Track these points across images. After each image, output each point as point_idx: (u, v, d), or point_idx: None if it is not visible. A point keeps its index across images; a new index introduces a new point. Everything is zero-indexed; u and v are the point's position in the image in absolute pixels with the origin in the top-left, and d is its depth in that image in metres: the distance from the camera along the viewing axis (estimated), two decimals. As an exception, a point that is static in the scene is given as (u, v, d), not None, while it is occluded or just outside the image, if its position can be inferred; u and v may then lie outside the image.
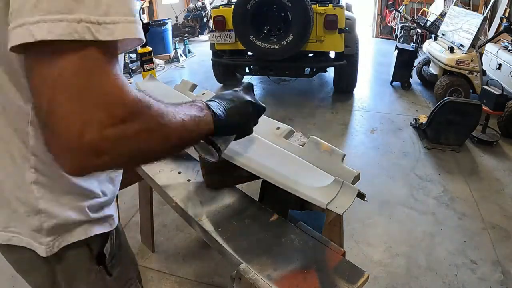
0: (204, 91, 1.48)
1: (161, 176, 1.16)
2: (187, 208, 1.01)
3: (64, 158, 0.43)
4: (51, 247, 0.63)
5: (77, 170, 0.44)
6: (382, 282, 1.84)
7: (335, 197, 0.85)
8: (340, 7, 3.72)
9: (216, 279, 1.85)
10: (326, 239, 0.88)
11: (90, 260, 0.70)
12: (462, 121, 3.05)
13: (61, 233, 0.64)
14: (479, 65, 3.81)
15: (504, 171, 2.83)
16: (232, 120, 0.72)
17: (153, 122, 0.48)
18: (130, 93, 0.44)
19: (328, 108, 4.16)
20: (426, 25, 5.40)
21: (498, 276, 1.86)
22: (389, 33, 7.92)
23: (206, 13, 8.12)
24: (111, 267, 0.74)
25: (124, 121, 0.42)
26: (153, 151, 0.50)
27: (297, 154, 1.03)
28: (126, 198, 2.43)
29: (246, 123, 0.78)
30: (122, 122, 0.42)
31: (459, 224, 2.25)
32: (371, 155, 3.12)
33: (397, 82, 4.78)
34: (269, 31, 3.75)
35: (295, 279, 0.76)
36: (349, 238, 2.09)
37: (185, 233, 2.16)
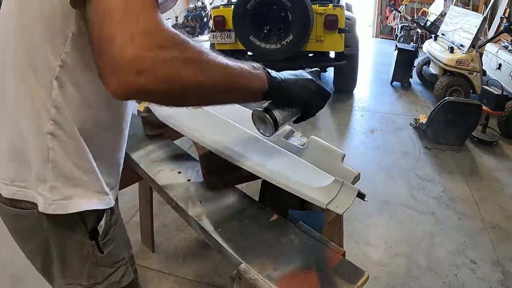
0: (204, 91, 1.48)
1: (161, 176, 1.16)
2: (187, 208, 1.01)
3: (110, 76, 0.48)
4: (50, 203, 0.67)
5: (121, 89, 0.48)
6: (382, 282, 1.84)
7: (335, 197, 0.85)
8: (340, 7, 3.72)
9: (216, 279, 1.85)
10: (326, 239, 0.88)
11: (84, 234, 0.74)
12: (462, 121, 3.05)
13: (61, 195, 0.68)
14: (479, 65, 3.81)
15: (504, 171, 2.83)
16: (291, 88, 0.71)
17: (191, 53, 0.51)
18: (168, 28, 0.50)
19: (328, 108, 4.16)
20: (426, 25, 5.40)
21: (498, 276, 1.86)
22: (389, 33, 7.91)
23: (206, 13, 8.11)
24: (103, 244, 0.77)
25: (161, 47, 0.48)
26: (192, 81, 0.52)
27: (297, 154, 1.03)
28: (126, 198, 2.42)
29: (307, 98, 0.76)
30: (159, 47, 0.48)
31: (459, 224, 2.25)
32: (371, 155, 3.12)
33: (397, 82, 4.78)
34: (269, 31, 3.75)
35: (295, 279, 0.76)
36: (349, 238, 2.09)
37: (185, 233, 2.16)
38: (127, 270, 0.86)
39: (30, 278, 1.87)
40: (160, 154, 1.29)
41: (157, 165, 1.22)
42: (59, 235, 0.74)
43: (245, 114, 1.31)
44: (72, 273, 0.79)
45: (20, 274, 1.91)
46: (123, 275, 0.84)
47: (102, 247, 0.77)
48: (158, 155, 1.28)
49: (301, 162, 0.99)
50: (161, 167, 1.21)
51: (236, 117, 1.22)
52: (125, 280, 0.84)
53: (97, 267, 0.78)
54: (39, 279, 1.80)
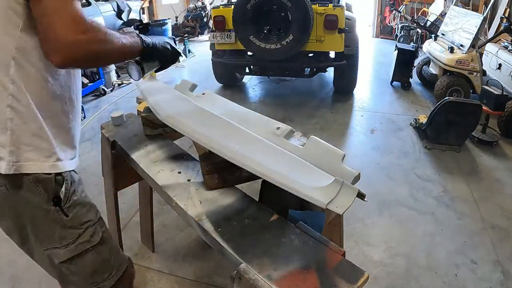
0: (204, 91, 1.48)
1: (161, 176, 1.16)
2: (187, 208, 1.01)
3: (53, 54, 0.73)
4: (11, 165, 0.81)
5: (59, 61, 0.74)
6: (382, 282, 1.84)
7: (335, 197, 0.86)
8: (340, 7, 3.72)
9: (216, 279, 1.85)
10: (326, 239, 0.88)
11: (47, 201, 0.87)
12: (462, 121, 3.04)
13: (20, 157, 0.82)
14: (479, 65, 3.81)
15: (504, 171, 2.83)
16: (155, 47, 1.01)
17: (101, 34, 0.78)
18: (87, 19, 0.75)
19: (328, 108, 4.16)
20: (426, 25, 5.40)
21: (498, 276, 1.86)
22: (389, 33, 7.91)
23: (206, 13, 8.11)
24: (67, 209, 0.91)
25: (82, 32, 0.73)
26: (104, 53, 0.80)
27: (297, 154, 1.03)
28: (126, 198, 2.42)
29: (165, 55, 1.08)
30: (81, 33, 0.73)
31: (459, 224, 2.25)
32: (371, 155, 3.12)
33: (397, 82, 4.78)
34: (269, 31, 3.75)
35: (295, 279, 0.76)
36: (349, 238, 2.09)
37: (185, 233, 2.16)
38: (95, 231, 0.98)
39: (30, 278, 1.87)
40: (160, 154, 1.29)
41: (157, 165, 1.22)
42: (26, 206, 0.87)
43: (245, 114, 1.31)
44: (46, 239, 0.92)
45: (20, 274, 1.91)
46: (92, 235, 0.97)
47: (67, 211, 0.91)
48: (158, 155, 1.28)
49: (301, 162, 0.99)
50: (161, 167, 1.21)
51: (236, 117, 1.22)
52: (95, 239, 0.97)
53: (66, 229, 0.91)
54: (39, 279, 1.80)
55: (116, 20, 5.89)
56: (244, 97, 4.62)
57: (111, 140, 1.39)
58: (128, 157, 1.31)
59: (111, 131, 1.45)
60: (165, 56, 1.08)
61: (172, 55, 1.11)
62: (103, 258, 1.01)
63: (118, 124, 1.50)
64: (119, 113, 1.51)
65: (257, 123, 1.21)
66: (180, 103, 1.31)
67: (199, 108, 1.26)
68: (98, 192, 2.51)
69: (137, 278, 1.87)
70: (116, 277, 1.05)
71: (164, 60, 1.11)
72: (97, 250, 0.98)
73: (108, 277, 1.03)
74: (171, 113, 1.24)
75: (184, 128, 1.17)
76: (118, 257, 1.08)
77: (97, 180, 2.65)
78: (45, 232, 0.91)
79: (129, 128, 1.47)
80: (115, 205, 1.57)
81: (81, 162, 3.39)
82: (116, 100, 4.47)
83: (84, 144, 3.32)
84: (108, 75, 4.72)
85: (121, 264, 1.08)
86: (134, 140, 1.38)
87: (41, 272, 1.55)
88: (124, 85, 4.97)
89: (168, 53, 1.09)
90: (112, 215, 1.61)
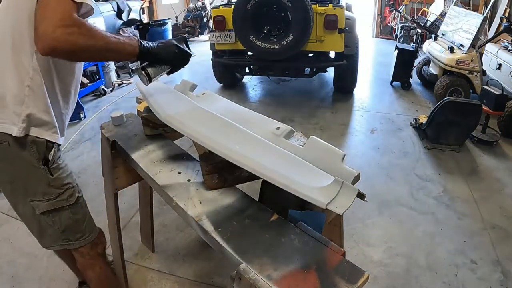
0: (204, 91, 1.48)
1: (161, 176, 1.16)
2: (187, 208, 1.01)
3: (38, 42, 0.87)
4: (22, 130, 1.02)
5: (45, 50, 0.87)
6: (382, 282, 1.84)
7: (335, 197, 0.86)
8: (340, 7, 3.71)
9: (216, 279, 1.85)
10: (326, 239, 0.88)
11: (39, 160, 1.08)
12: (462, 121, 3.05)
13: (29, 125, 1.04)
14: (479, 65, 3.81)
15: (504, 171, 2.83)
16: (158, 52, 1.09)
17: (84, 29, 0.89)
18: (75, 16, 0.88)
19: (328, 108, 4.16)
20: (426, 25, 5.40)
21: (498, 276, 1.86)
22: (389, 33, 7.91)
23: (206, 13, 8.11)
24: (52, 169, 1.11)
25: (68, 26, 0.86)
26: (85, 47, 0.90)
27: (297, 154, 1.03)
28: (126, 198, 2.43)
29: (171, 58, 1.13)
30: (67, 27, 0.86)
31: (459, 224, 2.25)
32: (371, 155, 3.12)
33: (397, 82, 4.78)
34: (269, 31, 3.75)
35: (295, 279, 0.76)
36: (349, 238, 2.09)
37: (185, 233, 2.16)
38: (73, 193, 1.18)
39: (30, 278, 1.87)
40: (160, 154, 1.29)
41: (157, 165, 1.22)
42: (21, 162, 1.07)
43: (245, 114, 1.31)
44: (32, 192, 1.11)
45: (20, 274, 1.91)
46: (69, 196, 1.17)
47: (52, 171, 1.10)
48: (158, 155, 1.28)
49: (301, 162, 0.99)
50: (161, 167, 1.21)
51: (236, 117, 1.22)
52: (71, 200, 1.18)
53: (49, 187, 1.12)
54: (39, 279, 1.81)
55: (116, 20, 5.89)
56: (244, 97, 4.62)
57: (111, 140, 1.39)
58: (128, 157, 1.31)
59: (111, 131, 1.45)
60: (172, 59, 1.13)
61: (182, 58, 1.15)
62: (77, 219, 1.21)
63: (118, 124, 1.50)
64: (119, 113, 1.51)
65: (257, 123, 1.21)
66: (180, 103, 1.31)
67: (199, 108, 1.26)
68: (98, 192, 2.51)
69: (137, 278, 1.88)
70: (87, 241, 1.26)
71: (172, 64, 1.16)
72: (72, 210, 1.19)
73: (80, 238, 1.24)
74: (171, 113, 1.24)
75: (184, 128, 1.17)
76: (90, 224, 1.28)
77: (97, 180, 2.65)
78: (33, 186, 1.10)
79: (129, 128, 1.47)
80: (115, 205, 1.57)
81: (81, 162, 3.40)
82: (116, 100, 4.47)
83: (84, 144, 3.32)
84: (108, 75, 4.72)
85: (91, 232, 1.28)
86: (134, 140, 1.38)
87: (41, 272, 1.56)
88: (124, 85, 4.97)
89: (175, 56, 1.13)
90: (112, 215, 1.61)
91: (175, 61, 1.15)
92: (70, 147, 3.28)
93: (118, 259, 1.71)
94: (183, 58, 1.16)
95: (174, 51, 1.12)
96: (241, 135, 1.10)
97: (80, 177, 2.77)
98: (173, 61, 1.15)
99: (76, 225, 1.22)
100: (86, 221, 1.25)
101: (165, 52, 1.10)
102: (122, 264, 1.71)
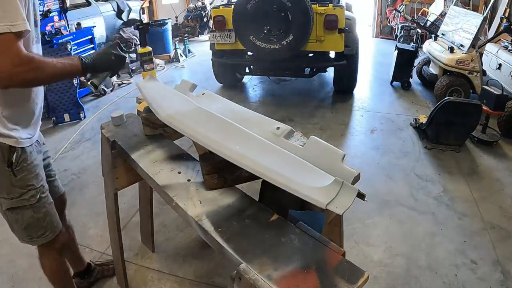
0: (204, 91, 1.48)
1: (161, 176, 1.16)
2: (187, 208, 1.01)
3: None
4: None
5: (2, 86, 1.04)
6: (382, 282, 1.84)
7: (335, 197, 0.85)
8: (340, 7, 3.71)
9: (216, 279, 1.85)
10: (326, 239, 0.88)
11: (3, 162, 1.18)
12: (462, 121, 3.04)
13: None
14: (479, 65, 3.81)
15: (504, 171, 2.83)
16: (96, 63, 1.20)
17: (33, 65, 1.00)
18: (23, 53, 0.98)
19: (328, 108, 4.16)
20: (426, 25, 5.40)
21: (498, 276, 1.86)
22: (389, 33, 7.90)
23: (206, 13, 8.11)
24: (16, 171, 1.21)
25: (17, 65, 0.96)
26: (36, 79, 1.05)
27: (297, 154, 1.03)
28: (126, 198, 2.43)
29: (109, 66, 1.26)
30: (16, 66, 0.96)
31: (459, 224, 2.25)
32: (371, 155, 3.12)
33: (397, 82, 4.78)
34: (269, 31, 3.74)
35: (295, 279, 0.76)
36: (349, 238, 2.09)
37: (185, 233, 2.16)
38: (35, 194, 1.27)
39: (30, 278, 1.87)
40: (160, 154, 1.29)
41: (157, 165, 1.22)
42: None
43: (245, 114, 1.31)
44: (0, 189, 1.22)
45: (20, 274, 1.91)
46: (31, 196, 1.27)
47: (16, 173, 1.21)
48: (158, 155, 1.28)
49: (301, 162, 0.99)
50: (161, 167, 1.21)
51: (236, 117, 1.22)
52: (33, 200, 1.27)
53: (13, 187, 1.22)
54: (39, 279, 1.80)
55: (116, 20, 5.90)
56: (244, 97, 4.62)
57: (111, 140, 1.39)
58: (128, 157, 1.31)
59: (111, 131, 1.45)
60: (110, 65, 1.26)
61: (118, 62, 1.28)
62: (38, 217, 1.31)
63: (118, 124, 1.50)
64: (119, 113, 1.51)
65: (257, 123, 1.21)
66: (180, 103, 1.31)
67: (199, 108, 1.26)
68: (98, 192, 2.51)
69: (137, 278, 1.88)
70: (49, 238, 1.37)
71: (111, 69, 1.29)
72: (34, 209, 1.29)
73: (41, 235, 1.35)
74: (171, 113, 1.24)
75: (184, 128, 1.17)
76: (52, 223, 1.37)
77: (97, 180, 2.65)
78: (0, 184, 1.22)
79: (129, 128, 1.47)
80: (115, 205, 1.57)
81: (81, 162, 3.39)
82: (116, 100, 4.47)
83: (84, 144, 3.32)
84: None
85: (53, 230, 1.37)
86: (134, 140, 1.38)
87: (41, 273, 1.56)
88: (124, 85, 4.97)
89: (112, 63, 1.26)
90: (112, 215, 1.61)
91: (113, 67, 1.27)
92: (70, 147, 3.29)
93: (118, 259, 1.70)
94: (119, 62, 1.28)
95: (110, 59, 1.25)
96: (241, 135, 1.10)
97: (80, 177, 2.77)
98: (111, 67, 1.27)
99: (38, 223, 1.32)
100: (47, 220, 1.34)
101: (102, 62, 1.23)
102: (122, 264, 1.71)
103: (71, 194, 2.57)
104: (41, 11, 4.19)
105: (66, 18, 4.62)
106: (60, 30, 4.27)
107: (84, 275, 1.80)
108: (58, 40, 3.93)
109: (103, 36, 5.46)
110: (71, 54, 3.84)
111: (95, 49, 4.48)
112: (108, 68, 1.27)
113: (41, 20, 4.13)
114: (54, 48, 3.82)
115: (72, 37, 4.13)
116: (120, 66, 1.30)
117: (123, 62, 1.30)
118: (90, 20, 5.13)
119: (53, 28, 4.30)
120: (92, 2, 5.38)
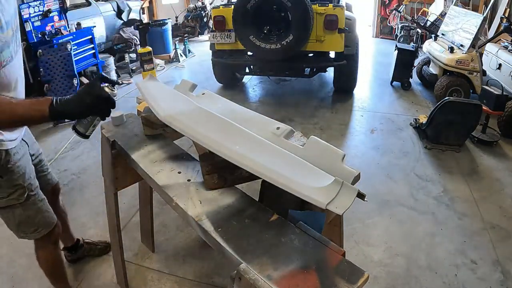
0: (204, 91, 1.48)
1: (161, 176, 1.16)
2: (187, 208, 1.01)
3: None
4: None
5: None
6: (382, 282, 1.84)
7: (335, 197, 0.85)
8: (340, 7, 3.71)
9: (216, 279, 1.85)
10: (326, 239, 0.88)
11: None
12: (462, 121, 3.04)
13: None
14: (479, 65, 3.81)
15: (504, 171, 2.83)
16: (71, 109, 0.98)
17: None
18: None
19: (328, 108, 4.16)
20: (426, 25, 5.39)
21: (498, 276, 1.86)
22: (389, 33, 7.90)
23: (206, 13, 8.10)
24: (1, 172, 1.23)
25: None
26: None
27: (297, 154, 1.03)
28: (126, 198, 2.43)
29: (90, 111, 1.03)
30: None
31: (459, 224, 2.25)
32: (371, 155, 3.12)
33: (397, 82, 4.78)
34: (269, 31, 3.75)
35: (295, 279, 0.76)
36: (349, 238, 2.09)
37: (185, 233, 2.16)
38: (23, 193, 1.30)
39: (30, 278, 1.87)
40: (160, 154, 1.29)
41: (157, 165, 1.22)
42: None
43: (245, 114, 1.31)
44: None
45: (20, 274, 1.91)
46: (19, 195, 1.30)
47: (2, 174, 1.23)
48: (158, 155, 1.28)
49: (301, 162, 0.99)
50: (161, 167, 1.21)
51: (236, 117, 1.22)
52: (21, 199, 1.30)
53: (1, 187, 1.25)
54: (39, 279, 1.80)
55: (116, 20, 5.89)
56: (244, 97, 4.62)
57: (111, 140, 1.39)
58: (128, 157, 1.30)
59: (111, 131, 1.45)
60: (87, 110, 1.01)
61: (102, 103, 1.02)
62: (28, 215, 1.35)
63: (118, 124, 1.50)
64: (119, 113, 1.51)
65: (257, 123, 1.21)
66: (180, 103, 1.31)
67: (199, 108, 1.26)
68: (98, 192, 2.51)
69: (137, 278, 1.88)
70: (43, 233, 1.41)
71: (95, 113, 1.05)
72: (23, 207, 1.32)
73: (34, 231, 1.39)
74: (171, 113, 1.24)
75: (184, 128, 1.17)
76: (45, 219, 1.40)
77: (97, 180, 2.65)
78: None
79: (129, 128, 1.47)
80: (115, 205, 1.57)
81: (81, 162, 3.39)
82: (116, 100, 4.46)
83: (84, 144, 3.32)
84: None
85: (46, 226, 1.41)
86: (134, 140, 1.38)
87: (41, 272, 1.56)
88: (124, 85, 4.97)
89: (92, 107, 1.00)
90: (112, 215, 1.60)
91: (95, 111, 1.03)
92: (70, 147, 3.28)
93: (118, 259, 1.71)
94: (99, 104, 1.01)
95: (89, 103, 0.99)
96: (241, 135, 1.10)
97: (80, 177, 2.77)
98: (93, 112, 1.03)
99: (29, 220, 1.36)
100: (39, 217, 1.38)
101: (78, 107, 0.98)
102: (122, 264, 1.71)
103: (71, 194, 2.57)
104: (41, 11, 4.19)
105: (66, 18, 4.61)
106: (60, 30, 4.27)
107: (72, 250, 1.94)
108: (58, 40, 3.93)
109: (103, 36, 5.45)
110: (71, 54, 3.84)
111: (95, 49, 4.48)
112: (83, 113, 1.02)
113: (41, 20, 4.17)
114: (54, 48, 3.82)
115: (72, 37, 4.13)
116: (106, 107, 1.03)
117: (109, 102, 1.03)
118: (90, 20, 5.13)
119: (53, 28, 4.30)
120: (92, 2, 5.38)
